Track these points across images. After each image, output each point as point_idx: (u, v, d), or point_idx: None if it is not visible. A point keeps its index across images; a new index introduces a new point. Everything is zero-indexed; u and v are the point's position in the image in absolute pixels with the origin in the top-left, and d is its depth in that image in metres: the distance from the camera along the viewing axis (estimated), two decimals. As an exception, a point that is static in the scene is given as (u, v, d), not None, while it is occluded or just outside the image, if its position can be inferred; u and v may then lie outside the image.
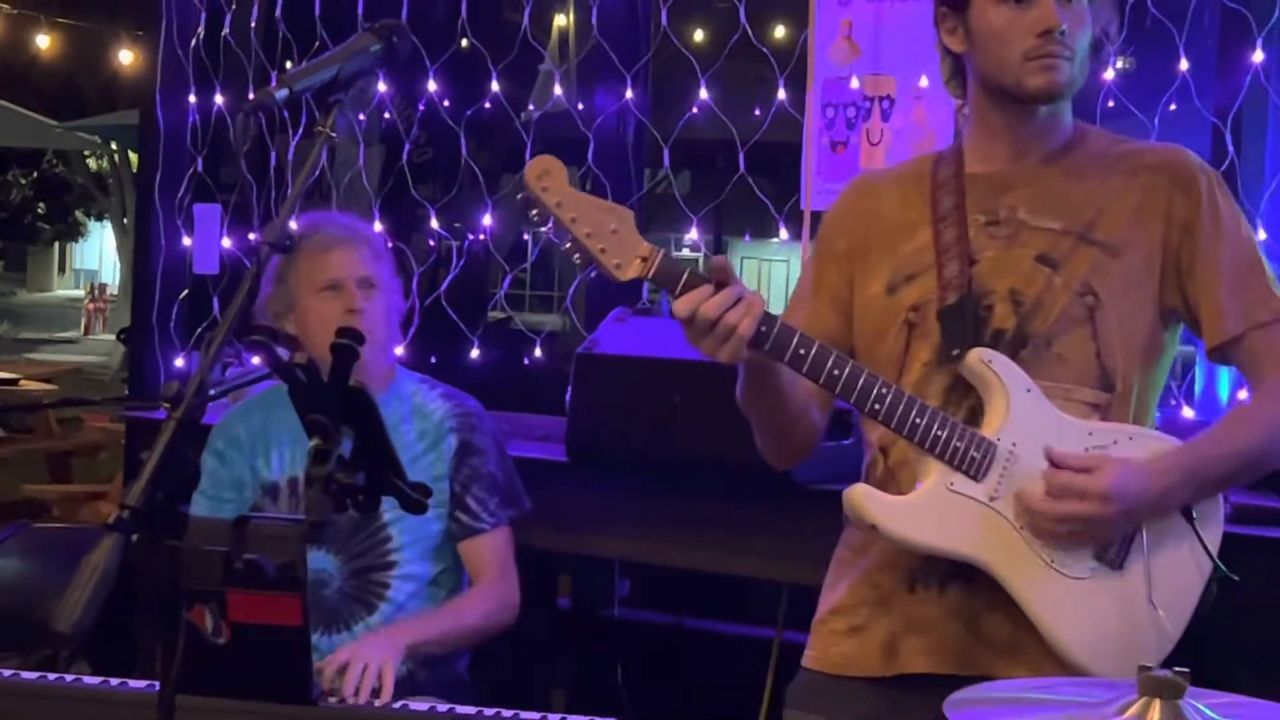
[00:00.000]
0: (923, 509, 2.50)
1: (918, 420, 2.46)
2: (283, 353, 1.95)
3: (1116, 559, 2.50)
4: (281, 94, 2.05)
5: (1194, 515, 2.53)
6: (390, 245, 3.56)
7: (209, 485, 3.43)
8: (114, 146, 23.46)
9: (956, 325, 2.55)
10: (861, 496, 2.51)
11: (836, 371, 2.45)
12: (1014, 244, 2.58)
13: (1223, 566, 2.56)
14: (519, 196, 2.46)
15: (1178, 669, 1.96)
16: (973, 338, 2.53)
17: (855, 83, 4.32)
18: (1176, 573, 2.53)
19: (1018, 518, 2.47)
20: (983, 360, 2.51)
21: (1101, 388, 2.54)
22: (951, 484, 2.48)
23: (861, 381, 2.46)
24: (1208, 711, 1.92)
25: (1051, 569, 2.48)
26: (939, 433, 2.46)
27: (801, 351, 2.44)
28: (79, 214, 35.45)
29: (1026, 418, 2.48)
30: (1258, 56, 3.95)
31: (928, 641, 2.58)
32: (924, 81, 4.17)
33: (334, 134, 2.07)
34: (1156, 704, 1.91)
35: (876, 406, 2.46)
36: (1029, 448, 2.48)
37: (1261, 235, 4.02)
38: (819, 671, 2.70)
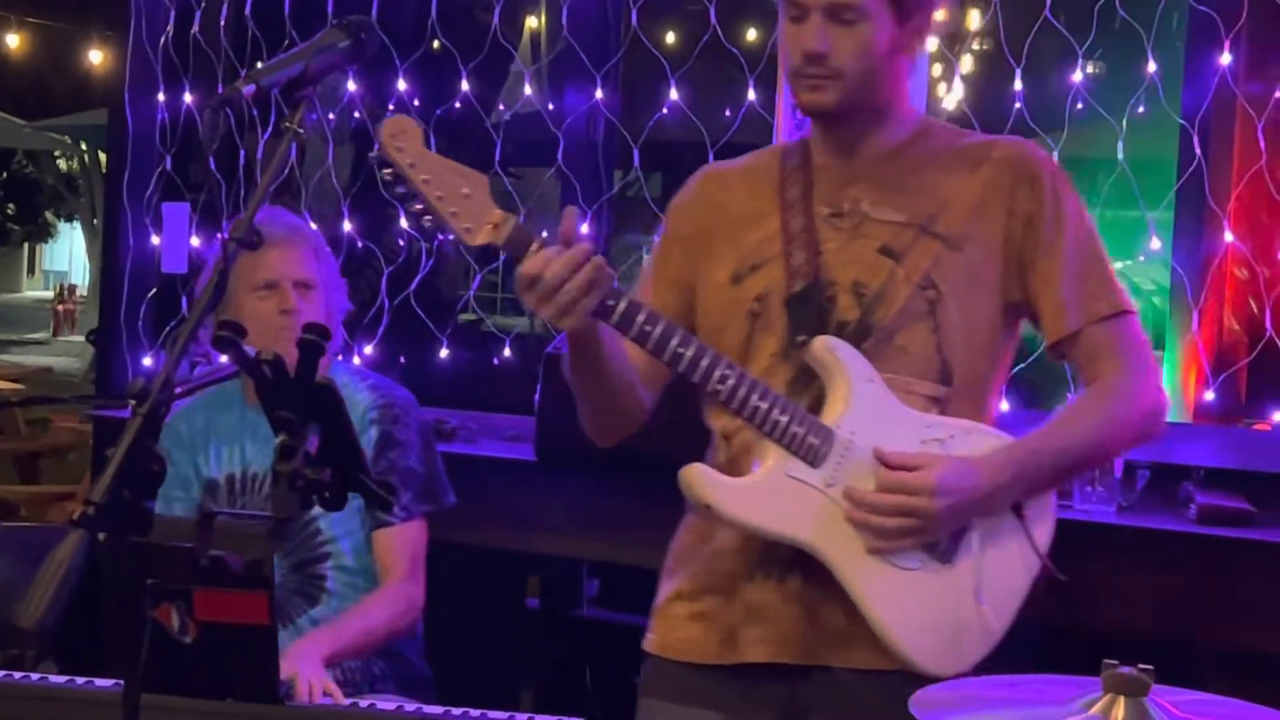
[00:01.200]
0: (758, 492, 2.50)
1: (759, 404, 2.46)
2: (249, 350, 1.94)
3: (945, 553, 2.50)
4: (249, 89, 2.04)
5: (1024, 513, 2.53)
6: (329, 247, 3.55)
7: None
8: (84, 147, 23.35)
9: (803, 313, 2.55)
10: (698, 475, 2.50)
11: (681, 349, 2.45)
12: (857, 236, 2.57)
13: (1050, 565, 2.55)
14: (370, 155, 2.43)
15: (1142, 666, 1.97)
16: (818, 327, 2.53)
17: (825, 84, 4.32)
18: (1004, 570, 2.54)
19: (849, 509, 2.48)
20: (827, 347, 2.51)
21: (941, 381, 2.54)
22: (789, 469, 2.48)
23: (706, 361, 2.46)
24: (1173, 709, 1.93)
25: (881, 558, 2.48)
26: (779, 417, 2.46)
27: (648, 327, 2.44)
28: (49, 215, 35.27)
29: (867, 407, 2.49)
30: (1225, 59, 3.97)
31: (766, 630, 2.57)
32: (894, 83, 4.17)
33: (301, 130, 2.07)
34: (1121, 701, 1.92)
35: (719, 387, 2.45)
36: (867, 437, 2.48)
37: (1229, 237, 4.04)
38: (661, 657, 2.71)
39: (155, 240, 5.32)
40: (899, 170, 2.61)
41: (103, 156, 23.35)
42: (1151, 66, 4.04)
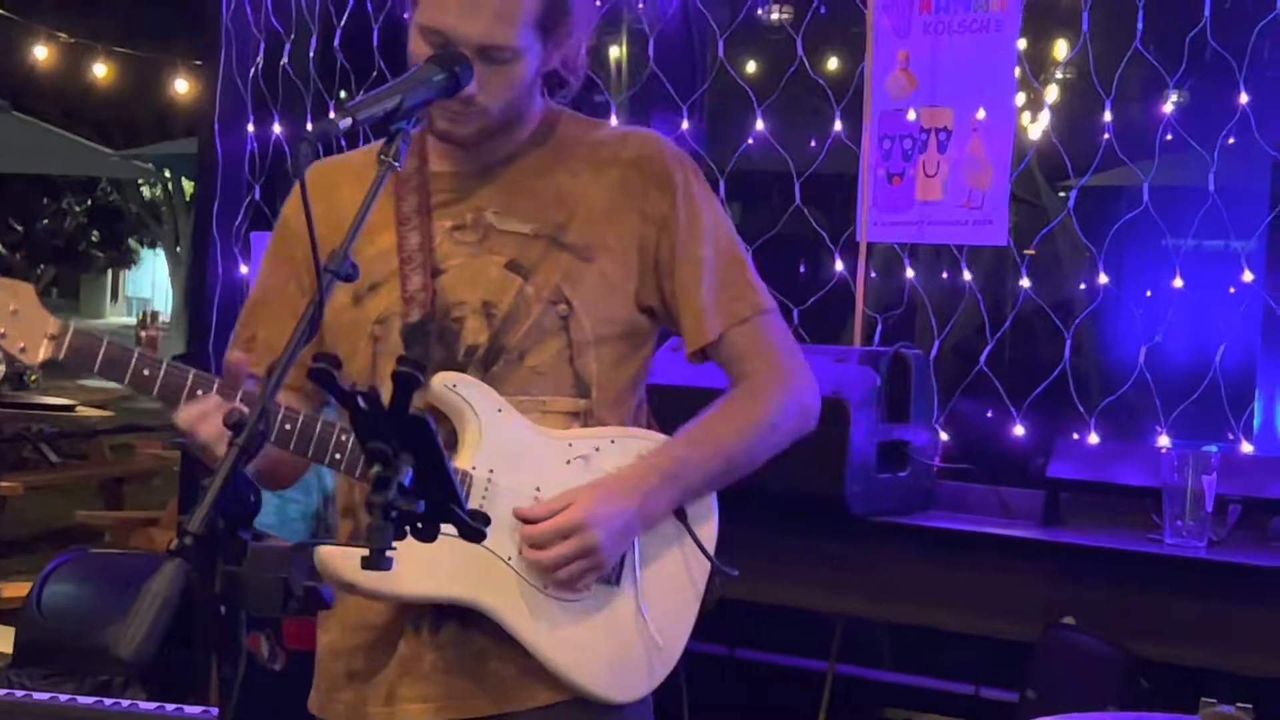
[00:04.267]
0: (397, 555, 2.19)
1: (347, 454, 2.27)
2: (344, 382, 1.95)
3: (613, 574, 2.35)
4: (345, 123, 2.05)
5: (688, 516, 2.40)
6: None
7: None
8: (168, 175, 23.63)
9: (421, 345, 2.37)
10: (329, 557, 2.24)
11: (288, 427, 2.25)
12: (482, 250, 2.39)
13: (715, 561, 2.42)
14: None
15: (1240, 704, 1.94)
16: (445, 354, 2.36)
17: (912, 114, 4.31)
18: (671, 579, 2.41)
19: (507, 552, 2.30)
20: (447, 386, 2.32)
21: (578, 394, 2.38)
22: None
23: (300, 422, 2.26)
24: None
25: (546, 594, 2.32)
26: None
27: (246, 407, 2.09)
28: (132, 241, 35.66)
29: (501, 440, 2.32)
30: (1318, 89, 3.94)
31: (424, 688, 2.37)
32: (981, 114, 4.16)
33: (396, 163, 2.08)
34: (1220, 741, 1.90)
35: (336, 456, 2.27)
36: (508, 472, 2.32)
37: (1317, 269, 4.01)
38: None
39: (243, 269, 5.37)
40: (525, 173, 2.42)
41: (186, 184, 23.65)
42: (1244, 97, 4.01)
